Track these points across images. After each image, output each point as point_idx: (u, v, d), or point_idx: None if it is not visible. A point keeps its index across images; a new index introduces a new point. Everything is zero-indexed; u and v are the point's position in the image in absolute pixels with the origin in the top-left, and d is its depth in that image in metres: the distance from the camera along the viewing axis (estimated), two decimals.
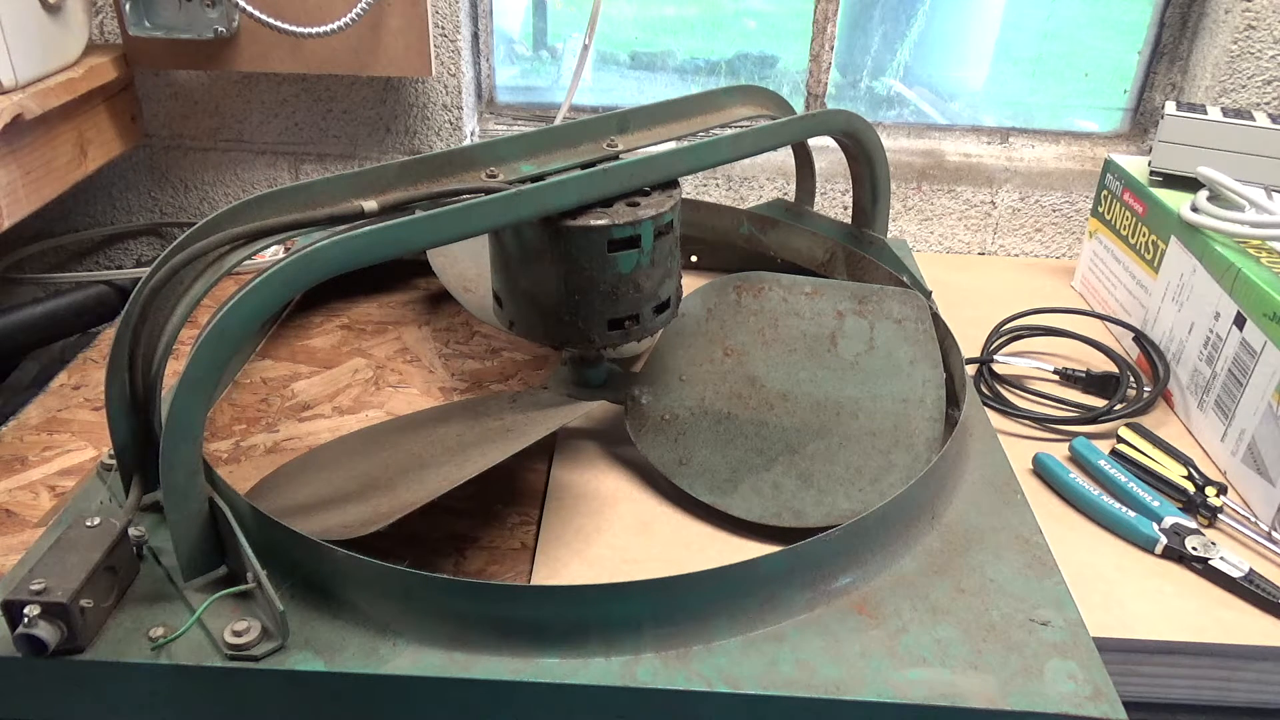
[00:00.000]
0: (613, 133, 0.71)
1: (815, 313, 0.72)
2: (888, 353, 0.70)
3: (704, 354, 0.71)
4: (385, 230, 0.54)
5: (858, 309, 0.72)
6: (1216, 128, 0.89)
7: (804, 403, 0.68)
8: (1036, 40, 1.17)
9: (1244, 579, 0.62)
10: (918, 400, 0.68)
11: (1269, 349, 0.69)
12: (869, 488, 0.64)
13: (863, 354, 0.70)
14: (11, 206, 0.84)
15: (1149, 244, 0.89)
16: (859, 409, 0.68)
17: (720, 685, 0.49)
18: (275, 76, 1.08)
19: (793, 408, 0.68)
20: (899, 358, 0.70)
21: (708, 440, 0.67)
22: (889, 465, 0.65)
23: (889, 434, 0.67)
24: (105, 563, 0.51)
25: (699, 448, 0.67)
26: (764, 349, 0.71)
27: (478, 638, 0.50)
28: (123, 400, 0.55)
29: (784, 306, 0.73)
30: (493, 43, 1.15)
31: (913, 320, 0.71)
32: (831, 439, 0.67)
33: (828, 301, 0.73)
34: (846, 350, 0.70)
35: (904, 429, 0.67)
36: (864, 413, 0.68)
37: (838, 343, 0.71)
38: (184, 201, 1.16)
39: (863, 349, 0.70)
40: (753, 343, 0.71)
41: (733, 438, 0.67)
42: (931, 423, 0.67)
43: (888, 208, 0.87)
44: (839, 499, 0.63)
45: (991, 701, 0.48)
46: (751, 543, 0.63)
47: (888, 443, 0.66)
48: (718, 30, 1.21)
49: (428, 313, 0.91)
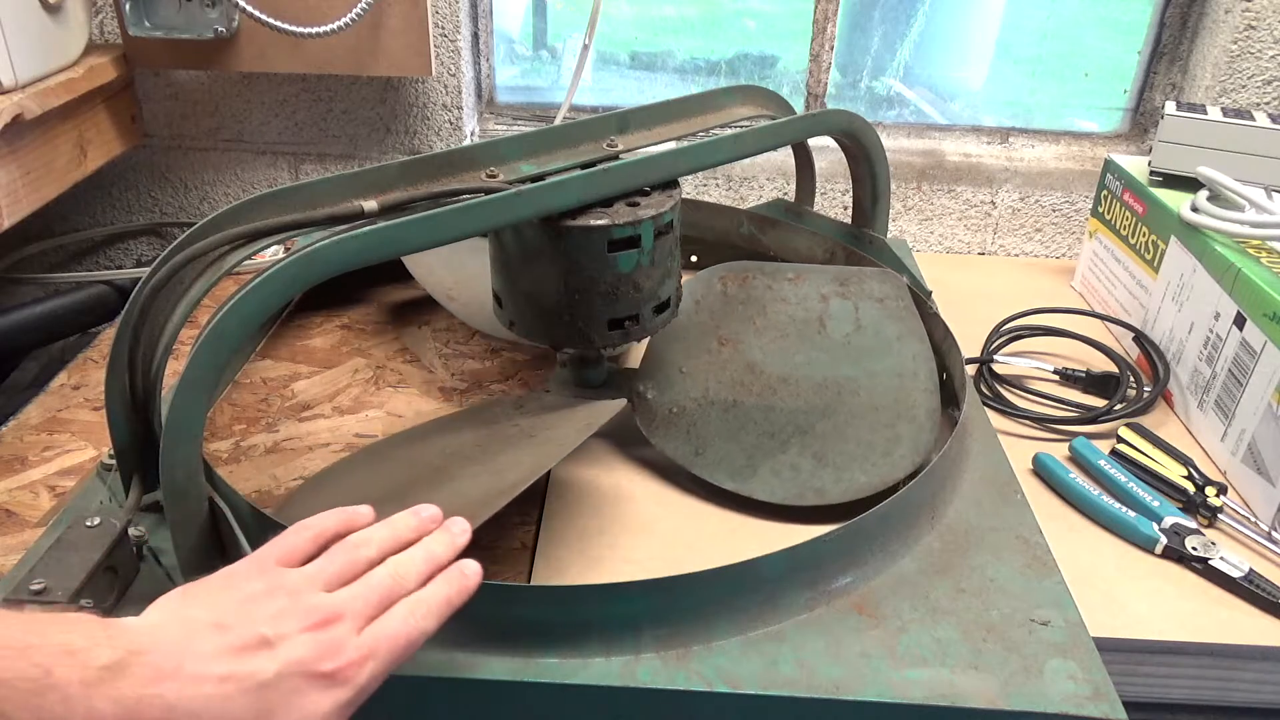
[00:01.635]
0: (613, 133, 0.71)
1: (800, 298, 0.73)
2: (875, 331, 0.72)
3: (700, 345, 0.71)
4: (385, 230, 0.54)
5: (841, 291, 0.74)
6: (1216, 128, 0.89)
7: (805, 385, 0.69)
8: (1036, 40, 1.17)
9: (1244, 579, 0.62)
10: (911, 374, 0.70)
11: (1269, 349, 0.69)
12: (881, 461, 0.65)
13: (852, 334, 0.72)
14: (11, 206, 0.84)
15: (1149, 244, 0.89)
16: (859, 386, 0.69)
17: (720, 685, 0.49)
18: (275, 76, 1.08)
19: (796, 390, 0.69)
20: (887, 334, 0.72)
21: (719, 429, 0.68)
22: (896, 437, 0.67)
23: (891, 408, 0.68)
24: (105, 563, 0.51)
25: (712, 437, 0.68)
26: (757, 336, 0.72)
27: (478, 638, 0.50)
28: (123, 400, 0.55)
29: (769, 294, 0.74)
30: (493, 43, 1.15)
31: (893, 298, 0.73)
32: (838, 417, 0.68)
33: (811, 286, 0.74)
34: (836, 331, 0.72)
35: (904, 402, 0.68)
36: (864, 389, 0.69)
37: (826, 325, 0.72)
38: (184, 201, 1.16)
39: (851, 329, 0.72)
40: (745, 331, 0.72)
41: (743, 424, 0.68)
42: (928, 394, 0.69)
43: (888, 208, 0.87)
44: (856, 474, 0.65)
45: (991, 701, 0.48)
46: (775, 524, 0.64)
47: (891, 416, 0.68)
48: (718, 30, 1.21)
49: (428, 313, 0.91)
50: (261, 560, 0.43)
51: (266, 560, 0.43)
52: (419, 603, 0.43)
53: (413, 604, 0.43)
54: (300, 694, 0.39)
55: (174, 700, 0.36)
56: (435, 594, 0.44)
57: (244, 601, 0.40)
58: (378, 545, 0.45)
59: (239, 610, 0.40)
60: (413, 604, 0.43)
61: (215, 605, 0.40)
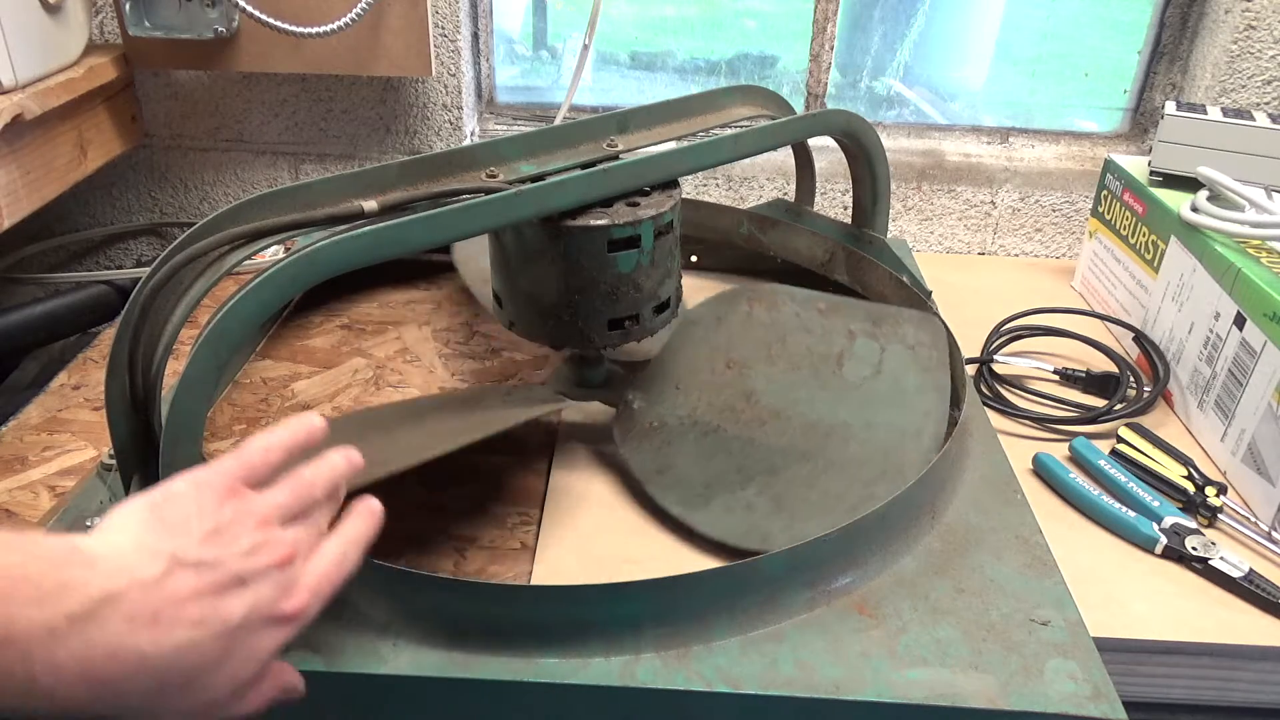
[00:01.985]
0: (613, 133, 0.71)
1: (826, 330, 0.70)
2: (895, 378, 0.68)
3: (706, 364, 0.70)
4: (385, 230, 0.54)
5: (871, 330, 0.69)
6: (1216, 128, 0.89)
7: (796, 423, 0.66)
8: (1036, 40, 1.17)
9: (1244, 579, 0.62)
10: (914, 433, 0.65)
11: (1269, 349, 0.69)
12: (843, 518, 0.57)
13: (868, 378, 0.68)
14: (11, 206, 0.84)
15: (1149, 244, 0.89)
16: (850, 435, 0.65)
17: (720, 685, 0.49)
18: (275, 76, 1.08)
19: (783, 427, 0.66)
20: (906, 384, 0.67)
21: (690, 451, 0.66)
22: (869, 496, 0.61)
23: (877, 463, 0.64)
24: None
25: (680, 458, 0.65)
26: (768, 364, 0.69)
27: (478, 638, 0.50)
28: (123, 400, 0.55)
29: (795, 321, 0.71)
30: (493, 43, 1.15)
31: (928, 346, 0.69)
32: (815, 463, 0.64)
33: (841, 319, 0.70)
34: (852, 372, 0.68)
35: (894, 461, 0.64)
36: (855, 440, 0.65)
37: (844, 364, 0.68)
38: (184, 201, 1.16)
39: (869, 372, 0.68)
40: (757, 357, 0.70)
41: (716, 452, 0.65)
42: (923, 456, 0.63)
43: (888, 208, 0.87)
44: (810, 526, 0.58)
45: (991, 701, 0.48)
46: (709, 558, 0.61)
47: (874, 473, 0.63)
48: (718, 30, 1.21)
49: (428, 313, 0.91)
50: (229, 477, 0.42)
51: (234, 478, 0.42)
52: (349, 542, 0.44)
53: (344, 544, 0.44)
54: (256, 634, 0.39)
55: (148, 650, 0.35)
56: (358, 532, 0.45)
57: (217, 532, 0.39)
58: (323, 486, 0.45)
59: (215, 543, 0.39)
60: (344, 544, 0.44)
61: (189, 535, 0.38)
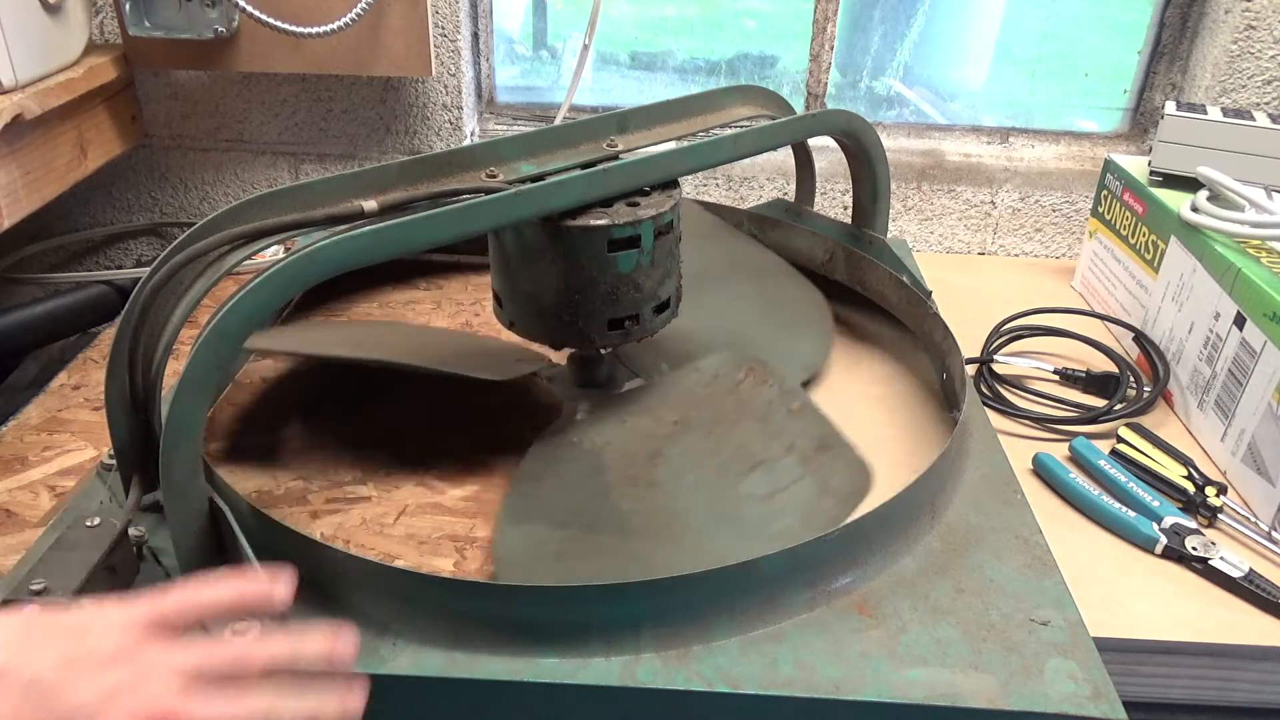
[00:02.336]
0: (613, 133, 0.71)
1: (776, 433, 0.64)
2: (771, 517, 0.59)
3: (669, 410, 0.68)
4: (385, 230, 0.54)
5: (808, 455, 0.62)
6: (1216, 128, 0.89)
7: (658, 501, 0.62)
8: (1036, 40, 1.17)
9: (1244, 579, 0.62)
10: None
11: (1269, 349, 0.69)
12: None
13: (755, 498, 0.61)
14: (11, 206, 0.84)
15: (1149, 244, 0.89)
16: (682, 543, 0.59)
17: (720, 685, 0.49)
18: (275, 76, 1.08)
19: (641, 498, 0.62)
20: (774, 528, 0.58)
21: (569, 480, 0.64)
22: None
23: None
24: (105, 563, 0.51)
25: (554, 479, 0.64)
26: (703, 436, 0.65)
27: (478, 638, 0.50)
28: (123, 400, 0.55)
29: (763, 409, 0.66)
30: (493, 43, 1.15)
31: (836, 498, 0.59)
32: (634, 545, 0.59)
33: (797, 428, 0.64)
34: (748, 486, 0.61)
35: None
36: (682, 549, 0.59)
37: (753, 473, 0.62)
38: (184, 201, 1.16)
39: (763, 492, 0.61)
40: (703, 424, 0.66)
41: (578, 489, 0.63)
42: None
43: (888, 208, 0.87)
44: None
45: (991, 701, 0.48)
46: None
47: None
48: (718, 30, 1.21)
49: (428, 313, 0.91)
50: (131, 616, 0.38)
51: (137, 617, 0.38)
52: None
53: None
54: None
55: None
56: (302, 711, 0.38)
57: (77, 662, 0.35)
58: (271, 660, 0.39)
59: (66, 671, 0.35)
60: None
61: (45, 654, 0.35)
